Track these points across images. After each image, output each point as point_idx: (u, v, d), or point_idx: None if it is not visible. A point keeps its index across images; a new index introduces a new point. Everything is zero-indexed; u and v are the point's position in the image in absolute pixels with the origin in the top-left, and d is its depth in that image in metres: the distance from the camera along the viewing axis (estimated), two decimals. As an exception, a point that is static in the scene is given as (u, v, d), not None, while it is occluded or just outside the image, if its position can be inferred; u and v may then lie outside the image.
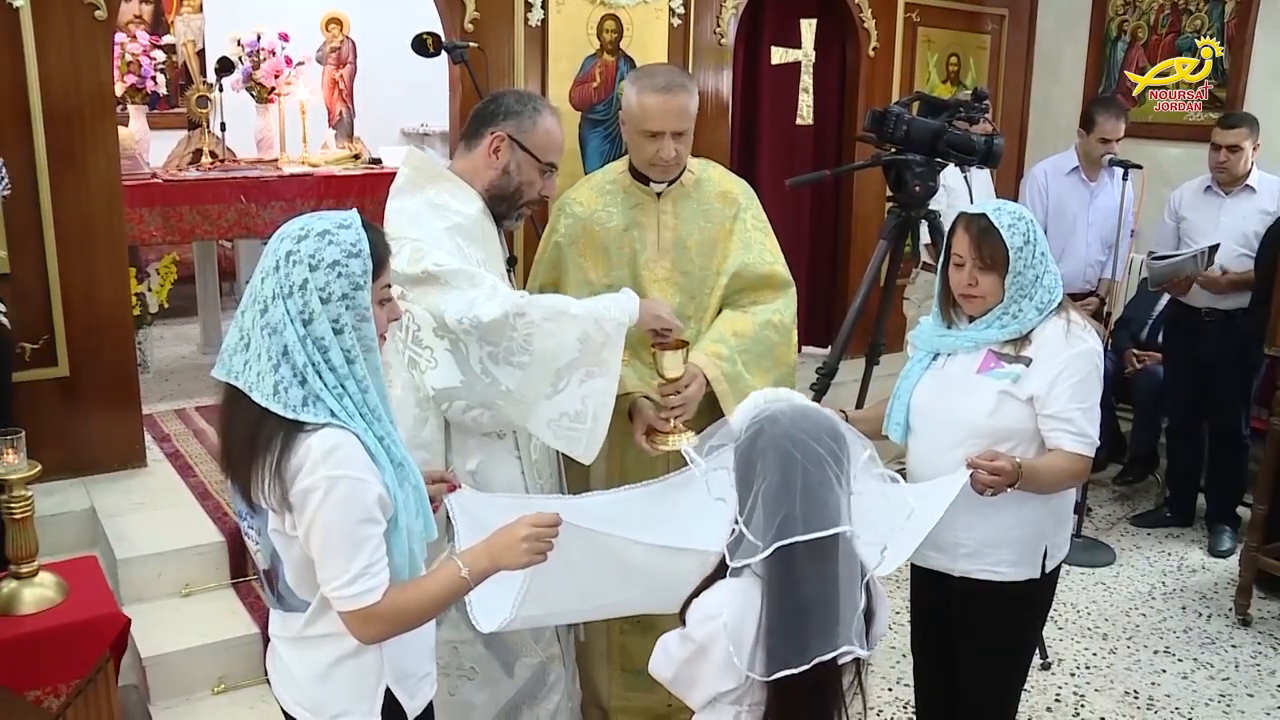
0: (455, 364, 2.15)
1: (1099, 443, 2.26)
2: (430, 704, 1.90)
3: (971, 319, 2.32)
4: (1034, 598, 2.37)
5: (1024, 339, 2.24)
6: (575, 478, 2.65)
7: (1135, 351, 4.88)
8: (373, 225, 1.69)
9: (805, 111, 5.39)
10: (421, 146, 7.72)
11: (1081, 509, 4.35)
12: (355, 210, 1.69)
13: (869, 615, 1.71)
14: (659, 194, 2.61)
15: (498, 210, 2.34)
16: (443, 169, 2.33)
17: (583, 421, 2.20)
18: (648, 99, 2.46)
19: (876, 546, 1.77)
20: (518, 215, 2.42)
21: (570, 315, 2.20)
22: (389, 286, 1.72)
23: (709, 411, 2.52)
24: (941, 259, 2.32)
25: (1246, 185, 4.25)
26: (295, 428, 1.59)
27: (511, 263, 2.46)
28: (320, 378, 1.60)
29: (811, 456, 1.64)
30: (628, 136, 2.58)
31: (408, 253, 2.14)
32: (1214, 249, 4.19)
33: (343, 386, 1.62)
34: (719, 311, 2.64)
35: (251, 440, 1.61)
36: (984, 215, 2.22)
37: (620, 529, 1.94)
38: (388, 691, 1.76)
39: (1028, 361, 2.22)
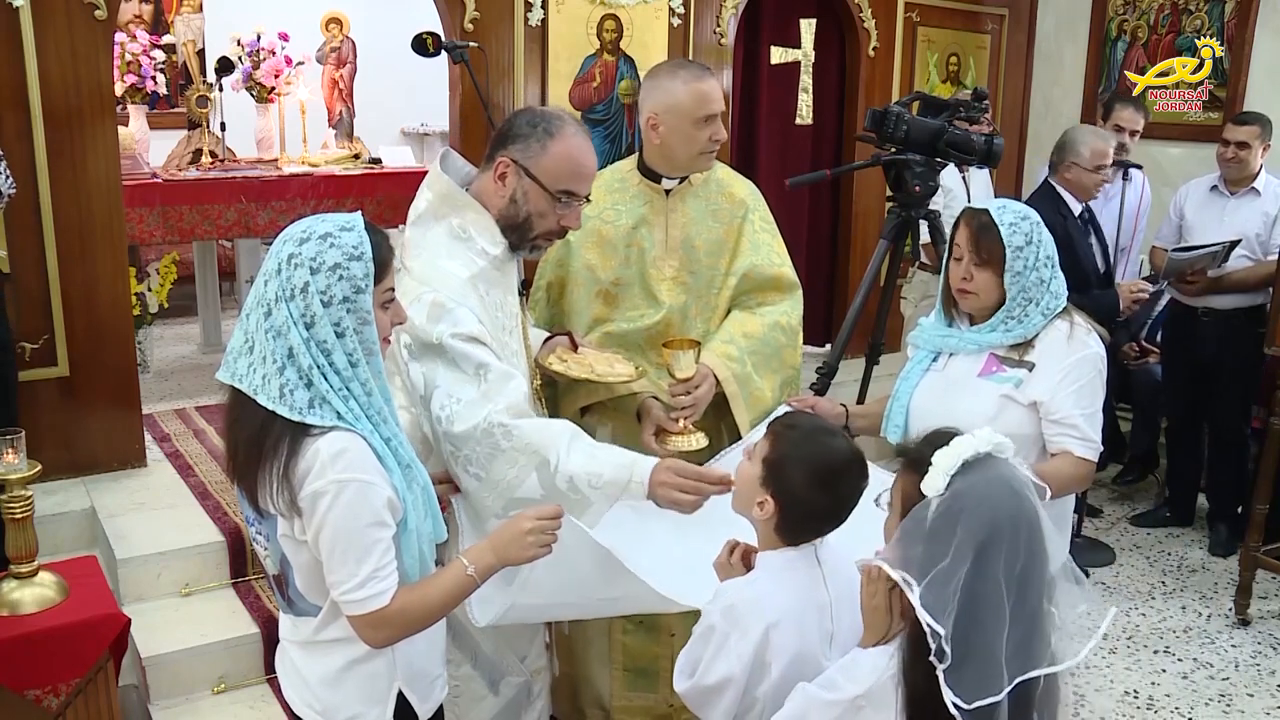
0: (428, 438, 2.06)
1: (1102, 447, 2.26)
2: (441, 706, 1.90)
3: (971, 319, 2.31)
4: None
5: (1027, 344, 2.24)
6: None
7: (1136, 344, 4.85)
8: (376, 228, 1.66)
9: (804, 111, 5.40)
10: (420, 146, 7.78)
11: (1082, 508, 4.35)
12: (359, 213, 1.67)
13: None
14: (668, 192, 2.61)
15: (509, 240, 2.14)
16: (469, 199, 2.14)
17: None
18: (699, 85, 2.44)
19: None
20: (532, 248, 2.19)
21: (545, 462, 1.97)
22: (392, 289, 1.70)
23: (716, 413, 2.52)
24: (945, 255, 2.32)
25: (1252, 188, 4.23)
26: (302, 431, 1.58)
27: (525, 286, 2.33)
28: (326, 380, 1.59)
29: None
30: (671, 131, 2.46)
31: (426, 307, 2.00)
32: (1234, 244, 4.17)
33: (348, 389, 1.61)
34: (727, 313, 2.62)
35: (258, 444, 1.59)
36: (986, 212, 2.23)
37: (624, 546, 1.92)
38: (399, 694, 1.76)
39: (1030, 366, 2.23)
